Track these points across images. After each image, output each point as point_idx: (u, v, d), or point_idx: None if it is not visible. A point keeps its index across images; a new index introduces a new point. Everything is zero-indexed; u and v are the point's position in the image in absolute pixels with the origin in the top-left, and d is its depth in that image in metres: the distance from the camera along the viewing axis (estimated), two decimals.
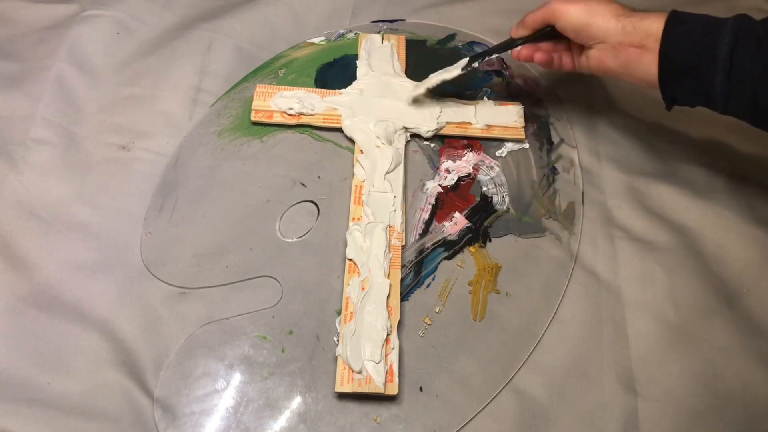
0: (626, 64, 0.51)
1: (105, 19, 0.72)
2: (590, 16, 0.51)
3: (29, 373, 0.51)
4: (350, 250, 0.55)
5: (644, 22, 0.49)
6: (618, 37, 0.50)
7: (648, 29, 0.48)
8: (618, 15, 0.50)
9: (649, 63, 0.49)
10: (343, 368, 0.50)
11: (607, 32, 0.50)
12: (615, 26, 0.50)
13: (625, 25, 0.49)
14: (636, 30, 0.49)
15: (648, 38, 0.48)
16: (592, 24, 0.51)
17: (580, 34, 0.52)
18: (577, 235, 0.59)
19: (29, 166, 0.61)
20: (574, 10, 0.52)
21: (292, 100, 0.64)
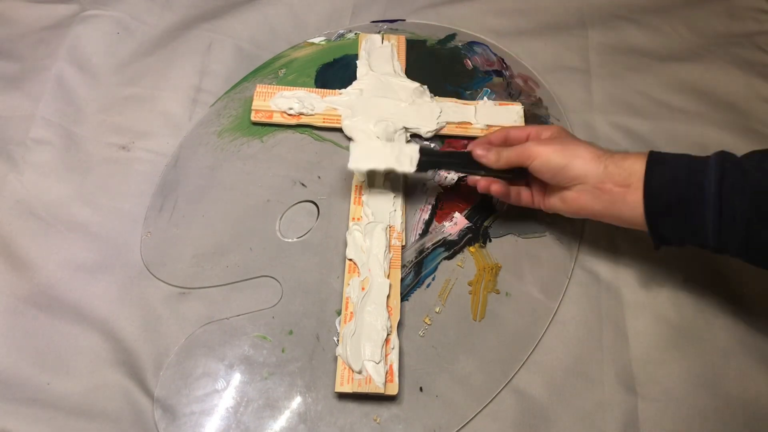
0: (610, 205, 0.48)
1: (105, 19, 0.72)
2: (569, 157, 0.48)
3: (29, 373, 0.51)
4: (350, 250, 0.55)
5: (626, 162, 0.47)
6: (600, 177, 0.47)
7: (631, 168, 0.46)
8: (598, 156, 0.48)
9: (634, 202, 0.46)
10: (343, 368, 0.50)
11: (588, 173, 0.48)
12: (596, 167, 0.48)
13: (608, 165, 0.47)
14: (619, 169, 0.47)
15: (632, 177, 0.46)
16: (572, 166, 0.48)
17: (557, 176, 0.49)
18: (577, 235, 0.59)
19: (29, 166, 0.61)
20: (551, 153, 0.49)
21: (292, 100, 0.64)
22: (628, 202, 0.47)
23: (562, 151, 0.49)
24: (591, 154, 0.48)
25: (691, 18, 0.75)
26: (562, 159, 0.49)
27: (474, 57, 0.70)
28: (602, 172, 0.47)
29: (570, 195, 0.50)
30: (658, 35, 0.73)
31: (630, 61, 0.71)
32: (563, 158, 0.49)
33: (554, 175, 0.50)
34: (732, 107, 0.67)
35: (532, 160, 0.50)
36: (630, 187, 0.46)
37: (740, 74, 0.69)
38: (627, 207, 0.47)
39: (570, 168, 0.48)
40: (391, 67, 0.67)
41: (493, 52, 0.71)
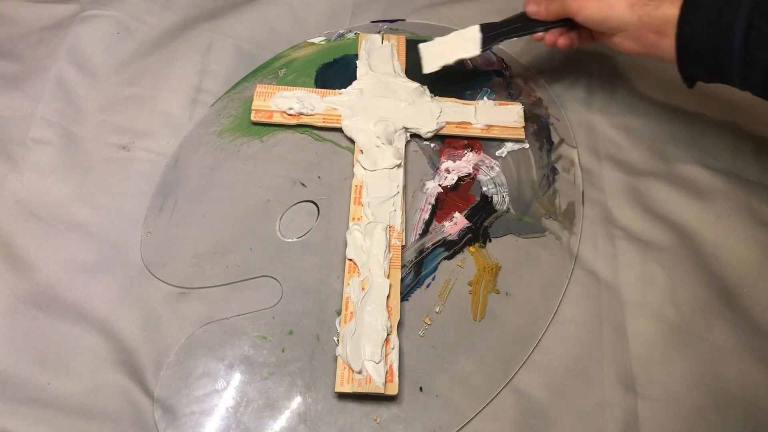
0: (648, 49, 0.53)
1: (105, 19, 0.72)
2: (606, 9, 0.53)
3: (29, 373, 0.51)
4: (350, 250, 0.55)
5: (660, 10, 0.50)
6: (636, 26, 0.52)
7: (665, 16, 0.50)
8: (633, 5, 0.52)
9: (669, 47, 0.51)
10: (343, 368, 0.50)
11: (625, 24, 0.52)
12: (631, 17, 0.52)
13: (641, 15, 0.51)
14: (652, 19, 0.51)
15: (666, 25, 0.50)
16: (610, 18, 0.53)
17: (600, 26, 0.55)
18: (577, 235, 0.59)
19: (29, 166, 0.61)
20: (589, 7, 0.54)
21: (291, 100, 0.64)
22: (664, 48, 0.51)
23: (598, 3, 0.53)
24: (625, 3, 0.52)
25: None
26: (599, 12, 0.53)
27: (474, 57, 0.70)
28: (637, 21, 0.51)
29: (616, 40, 0.55)
30: None
31: (630, 60, 0.71)
32: (600, 11, 0.53)
33: (597, 26, 0.55)
34: (732, 107, 0.67)
35: (574, 15, 0.55)
36: (663, 34, 0.50)
37: None
38: (664, 52, 0.52)
39: (608, 20, 0.53)
40: (391, 67, 0.67)
41: (493, 52, 0.71)
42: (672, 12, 0.50)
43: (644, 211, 0.60)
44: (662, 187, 0.61)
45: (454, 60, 0.62)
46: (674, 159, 0.63)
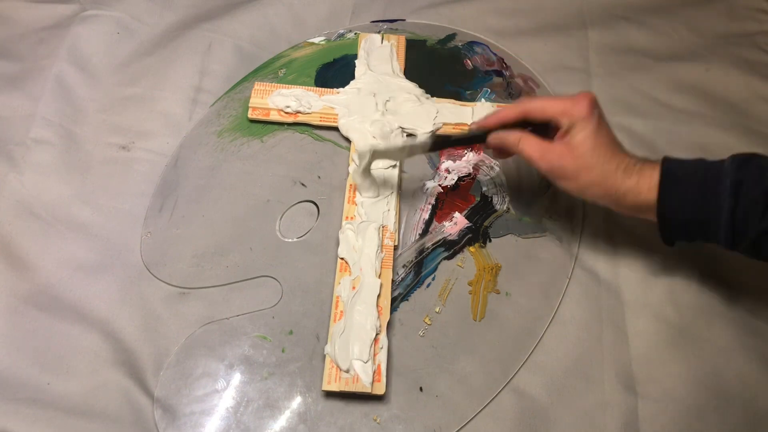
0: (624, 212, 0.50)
1: (105, 19, 0.72)
2: (581, 192, 0.49)
3: (29, 373, 0.51)
4: (342, 249, 0.55)
5: (639, 198, 0.47)
6: (613, 206, 0.49)
7: (644, 202, 0.47)
8: (610, 195, 0.48)
9: (650, 218, 0.48)
10: (331, 367, 0.50)
11: (602, 202, 0.49)
12: (608, 204, 0.49)
13: (619, 204, 0.48)
14: (630, 206, 0.48)
15: (644, 208, 0.47)
16: (584, 197, 0.50)
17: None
18: (577, 235, 0.59)
19: (29, 166, 0.61)
20: (565, 185, 0.49)
21: (289, 98, 0.64)
22: (646, 218, 0.48)
23: (575, 183, 0.49)
24: (602, 193, 0.48)
25: (691, 18, 0.75)
26: (574, 192, 0.49)
27: (474, 57, 0.70)
28: (615, 207, 0.49)
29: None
30: (658, 35, 0.73)
31: (630, 61, 0.71)
32: (575, 192, 0.49)
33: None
34: (732, 107, 0.67)
35: (545, 175, 0.50)
36: (644, 212, 0.48)
37: (740, 74, 0.69)
38: (644, 219, 0.48)
39: (581, 197, 0.50)
40: (389, 67, 0.67)
41: (493, 52, 0.71)
42: (650, 198, 0.46)
43: None
44: None
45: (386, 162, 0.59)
46: None
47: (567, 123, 0.48)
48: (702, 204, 0.45)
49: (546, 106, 0.50)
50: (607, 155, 0.47)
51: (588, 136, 0.47)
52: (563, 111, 0.48)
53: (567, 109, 0.48)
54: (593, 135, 0.47)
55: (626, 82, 0.69)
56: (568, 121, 0.48)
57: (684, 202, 0.46)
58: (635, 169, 0.47)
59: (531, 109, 0.51)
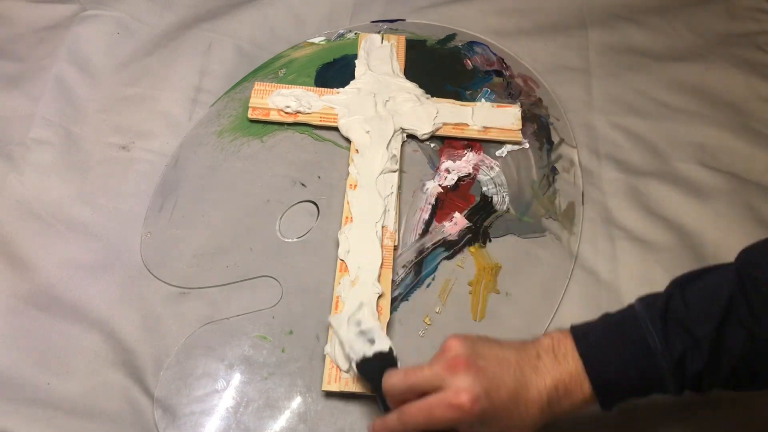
0: None
1: (105, 19, 0.72)
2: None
3: (29, 373, 0.51)
4: (342, 250, 0.55)
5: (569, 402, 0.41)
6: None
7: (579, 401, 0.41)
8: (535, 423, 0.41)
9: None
10: (331, 367, 0.50)
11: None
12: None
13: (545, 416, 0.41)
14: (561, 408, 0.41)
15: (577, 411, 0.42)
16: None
17: None
18: (577, 235, 0.59)
19: (29, 166, 0.61)
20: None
21: (289, 98, 0.64)
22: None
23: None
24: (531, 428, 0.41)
25: (691, 18, 0.75)
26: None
27: (474, 57, 0.70)
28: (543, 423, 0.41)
29: None
30: (658, 35, 0.73)
31: (630, 61, 0.71)
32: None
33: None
34: (732, 107, 0.67)
35: None
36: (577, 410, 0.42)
37: (740, 74, 0.69)
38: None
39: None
40: (389, 67, 0.67)
41: (493, 52, 0.71)
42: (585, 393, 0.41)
43: (644, 211, 0.60)
44: (662, 187, 0.61)
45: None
46: (674, 159, 0.63)
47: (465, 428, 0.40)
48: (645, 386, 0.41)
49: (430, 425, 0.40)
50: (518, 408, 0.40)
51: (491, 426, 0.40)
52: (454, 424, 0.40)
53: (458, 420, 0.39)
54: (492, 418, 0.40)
55: (626, 82, 0.69)
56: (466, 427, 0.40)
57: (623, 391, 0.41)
58: (543, 368, 0.41)
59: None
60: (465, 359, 0.40)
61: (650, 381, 0.40)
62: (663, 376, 0.40)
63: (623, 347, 0.41)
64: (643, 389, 0.41)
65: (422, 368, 0.41)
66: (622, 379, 0.41)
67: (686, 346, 0.39)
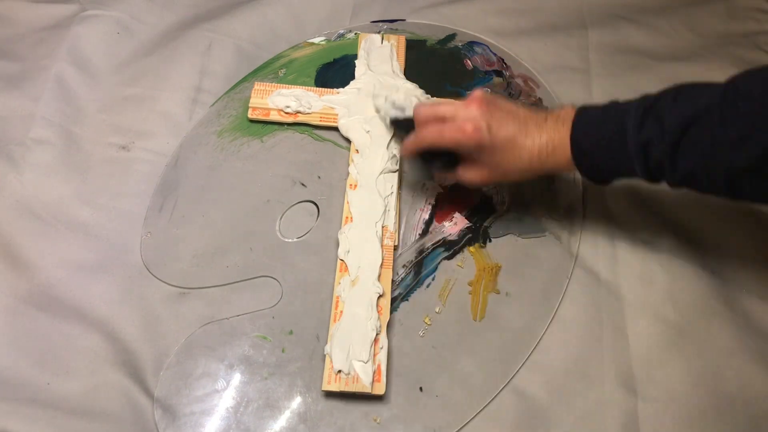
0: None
1: (105, 19, 0.72)
2: (500, 178, 0.52)
3: (29, 373, 0.51)
4: (342, 250, 0.55)
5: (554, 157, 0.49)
6: (532, 174, 0.51)
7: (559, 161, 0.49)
8: (523, 170, 0.50)
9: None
10: (331, 367, 0.50)
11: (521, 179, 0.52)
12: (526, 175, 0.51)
13: (536, 169, 0.50)
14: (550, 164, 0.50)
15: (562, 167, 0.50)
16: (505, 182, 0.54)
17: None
18: (577, 235, 0.59)
19: (29, 166, 0.61)
20: (483, 182, 0.53)
21: (289, 98, 0.64)
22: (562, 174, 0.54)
23: (491, 176, 0.52)
24: (519, 172, 0.50)
25: (691, 18, 0.75)
26: (493, 181, 0.53)
27: (474, 57, 0.70)
28: (532, 174, 0.51)
29: None
30: (658, 35, 0.73)
31: (630, 61, 0.71)
32: (494, 180, 0.52)
33: None
34: None
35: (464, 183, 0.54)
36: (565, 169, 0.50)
37: None
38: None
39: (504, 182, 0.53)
40: (389, 67, 0.67)
41: (493, 52, 0.71)
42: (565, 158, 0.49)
43: (644, 211, 0.60)
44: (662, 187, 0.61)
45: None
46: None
47: (465, 151, 0.51)
48: (616, 168, 0.48)
49: (438, 142, 0.52)
50: (513, 150, 0.49)
51: (487, 156, 0.50)
52: (456, 144, 0.51)
53: (459, 142, 0.50)
54: (489, 149, 0.50)
55: (626, 82, 0.69)
56: (466, 151, 0.51)
57: (598, 166, 0.48)
58: (545, 127, 0.49)
59: (427, 145, 0.53)
60: (480, 99, 0.50)
61: (619, 159, 0.46)
62: (630, 156, 0.46)
63: (605, 126, 0.47)
64: (614, 166, 0.48)
65: (446, 102, 0.54)
66: (595, 151, 0.47)
67: (653, 134, 0.44)
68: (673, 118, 0.43)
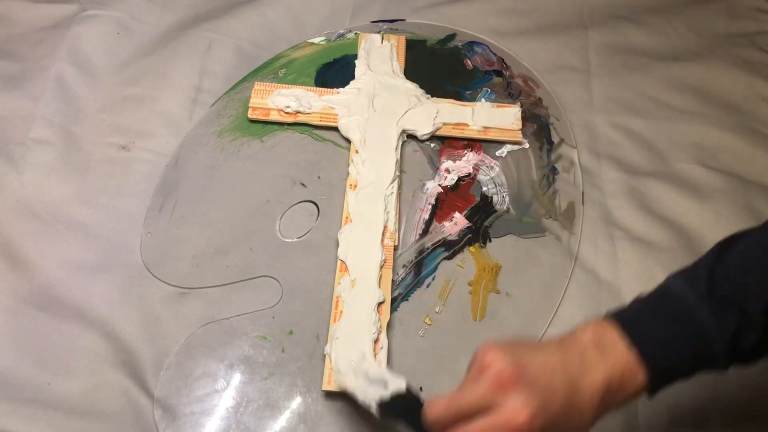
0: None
1: (105, 19, 0.72)
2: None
3: (29, 373, 0.51)
4: (341, 250, 0.55)
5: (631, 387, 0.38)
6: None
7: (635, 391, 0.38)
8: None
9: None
10: (331, 367, 0.50)
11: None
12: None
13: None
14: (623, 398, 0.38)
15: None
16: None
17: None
18: (577, 235, 0.59)
19: (29, 166, 0.61)
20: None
21: (289, 98, 0.64)
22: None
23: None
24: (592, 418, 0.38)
25: (691, 18, 0.75)
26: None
27: (474, 57, 0.70)
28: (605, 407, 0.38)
29: None
30: (658, 35, 0.73)
31: (630, 61, 0.71)
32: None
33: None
34: (732, 107, 0.67)
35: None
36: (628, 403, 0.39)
37: (740, 74, 0.69)
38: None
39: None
40: (389, 67, 0.67)
41: (493, 52, 0.71)
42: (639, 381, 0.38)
43: (644, 211, 0.60)
44: (662, 187, 0.61)
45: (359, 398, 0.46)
46: (674, 159, 0.63)
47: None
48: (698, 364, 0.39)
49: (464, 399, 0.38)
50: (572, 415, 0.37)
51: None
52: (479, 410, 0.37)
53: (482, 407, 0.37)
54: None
55: (626, 82, 0.69)
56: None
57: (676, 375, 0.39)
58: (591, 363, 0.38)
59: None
60: (511, 374, 0.37)
61: (703, 361, 0.39)
62: (716, 355, 0.38)
63: (675, 330, 0.38)
64: (694, 369, 0.39)
65: (465, 392, 0.38)
66: (676, 364, 0.38)
67: (739, 322, 0.37)
68: (752, 296, 0.37)
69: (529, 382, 0.37)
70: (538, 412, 0.36)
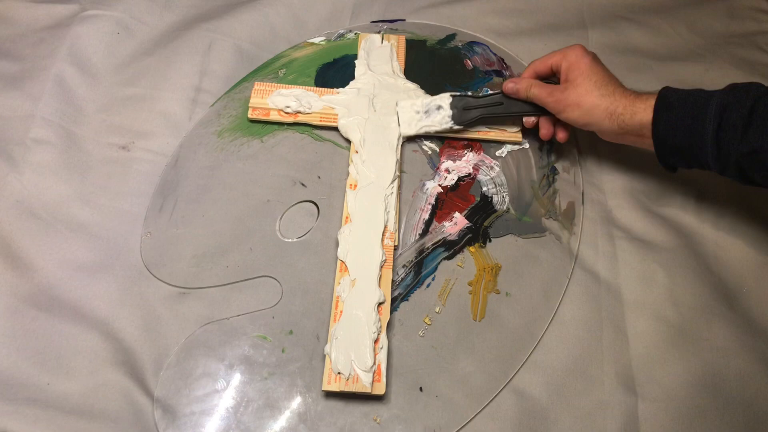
0: (630, 143, 0.56)
1: (105, 19, 0.71)
2: (586, 117, 0.55)
3: (29, 373, 0.51)
4: (341, 250, 0.55)
5: (636, 117, 0.53)
6: (616, 131, 0.55)
7: (641, 122, 0.53)
8: (610, 114, 0.54)
9: (648, 145, 0.53)
10: (331, 367, 0.50)
11: (605, 130, 0.55)
12: (611, 125, 0.54)
13: (620, 123, 0.54)
14: (630, 126, 0.53)
15: (642, 129, 0.53)
16: (591, 124, 0.56)
17: (582, 128, 0.58)
18: (577, 235, 0.59)
19: (29, 166, 0.61)
20: (570, 112, 0.56)
21: (289, 98, 0.64)
22: (644, 145, 0.54)
23: (579, 110, 0.55)
24: (604, 113, 0.54)
25: (691, 18, 0.75)
26: (580, 119, 0.56)
27: (474, 57, 0.71)
28: (617, 128, 0.54)
29: (599, 133, 0.58)
30: (658, 35, 0.73)
31: (630, 61, 0.71)
32: (581, 118, 0.56)
33: (579, 127, 0.57)
34: None
35: (556, 114, 0.57)
36: (642, 135, 0.53)
37: (740, 74, 0.69)
38: (643, 147, 0.55)
39: (589, 125, 0.56)
40: (389, 67, 0.67)
41: (493, 52, 0.71)
42: (647, 118, 0.52)
43: (644, 211, 0.60)
44: (662, 187, 0.61)
45: (433, 131, 0.63)
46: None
47: (565, 66, 0.57)
48: (691, 128, 0.50)
49: (546, 59, 0.59)
50: (604, 81, 0.55)
51: (584, 70, 0.55)
52: (561, 57, 0.57)
53: (563, 55, 0.57)
54: (588, 68, 0.56)
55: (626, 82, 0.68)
56: (566, 64, 0.57)
57: (676, 126, 0.51)
58: (632, 93, 0.54)
59: (537, 65, 0.60)
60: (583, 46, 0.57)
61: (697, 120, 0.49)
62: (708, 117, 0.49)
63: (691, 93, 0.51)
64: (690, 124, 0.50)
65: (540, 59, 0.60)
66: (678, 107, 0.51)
67: (733, 99, 0.48)
68: (753, 88, 0.48)
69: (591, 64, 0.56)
70: (590, 53, 0.57)
